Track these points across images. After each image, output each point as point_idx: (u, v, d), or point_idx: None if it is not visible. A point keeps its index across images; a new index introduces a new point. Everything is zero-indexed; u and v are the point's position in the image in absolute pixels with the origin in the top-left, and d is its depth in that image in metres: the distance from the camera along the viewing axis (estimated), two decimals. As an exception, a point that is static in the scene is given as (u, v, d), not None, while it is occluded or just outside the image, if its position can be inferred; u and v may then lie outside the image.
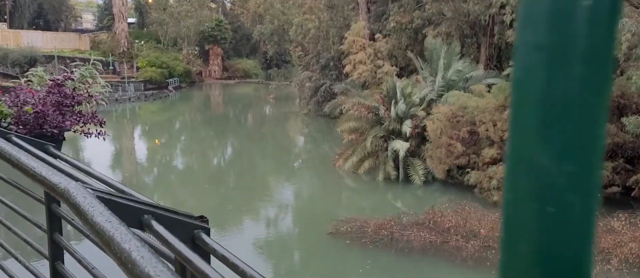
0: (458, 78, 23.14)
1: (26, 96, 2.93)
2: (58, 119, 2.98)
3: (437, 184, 21.63)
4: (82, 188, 1.27)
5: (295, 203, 22.48)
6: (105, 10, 69.61)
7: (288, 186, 25.87)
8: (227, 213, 20.25)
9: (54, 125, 2.99)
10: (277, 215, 21.00)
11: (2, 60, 42.42)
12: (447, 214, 15.13)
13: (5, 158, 1.56)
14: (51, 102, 3.07)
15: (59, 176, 1.48)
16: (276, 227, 19.34)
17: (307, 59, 46.31)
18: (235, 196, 23.49)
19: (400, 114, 22.96)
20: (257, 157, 32.81)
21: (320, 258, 14.86)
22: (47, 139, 2.76)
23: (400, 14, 28.84)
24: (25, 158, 1.69)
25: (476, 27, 26.64)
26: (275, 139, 39.49)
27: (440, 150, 19.70)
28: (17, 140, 2.22)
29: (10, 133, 2.15)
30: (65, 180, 1.45)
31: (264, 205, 21.91)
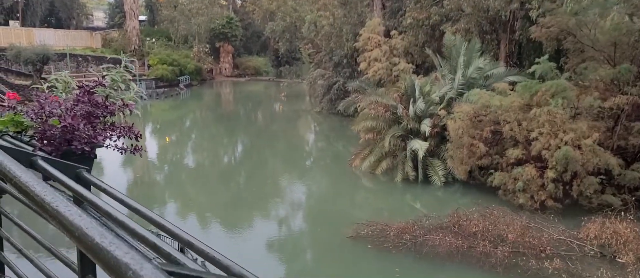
0: (479, 76, 22.44)
1: (52, 106, 2.42)
2: (89, 133, 2.44)
3: (458, 185, 21.01)
4: None
5: (311, 204, 22.00)
6: (117, 8, 69.60)
7: (303, 186, 25.40)
8: (240, 212, 19.83)
9: (85, 141, 2.43)
10: (294, 216, 20.53)
11: (15, 59, 42.38)
12: (473, 218, 14.53)
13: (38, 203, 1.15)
14: (81, 113, 2.52)
15: None
16: (294, 228, 18.87)
17: (319, 57, 45.79)
18: (247, 195, 23.05)
19: (418, 112, 22.35)
20: (270, 156, 32.39)
21: (342, 263, 14.35)
22: (77, 158, 2.37)
23: (417, 10, 28.16)
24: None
25: (496, 23, 25.88)
26: (288, 137, 39.03)
27: (461, 151, 19.08)
28: (44, 165, 1.79)
29: (36, 154, 1.90)
30: None
31: (279, 205, 21.46)
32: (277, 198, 22.42)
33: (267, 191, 23.29)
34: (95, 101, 2.45)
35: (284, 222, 19.88)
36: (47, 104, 2.39)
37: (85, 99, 2.43)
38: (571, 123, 16.34)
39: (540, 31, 20.28)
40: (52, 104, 2.38)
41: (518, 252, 12.92)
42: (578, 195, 15.96)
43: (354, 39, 35.40)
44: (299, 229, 18.88)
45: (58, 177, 1.87)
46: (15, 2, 57.30)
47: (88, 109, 2.45)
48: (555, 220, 14.67)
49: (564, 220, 15.03)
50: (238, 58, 73.29)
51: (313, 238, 16.65)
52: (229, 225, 18.41)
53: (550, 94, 16.78)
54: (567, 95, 16.69)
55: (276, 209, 20.98)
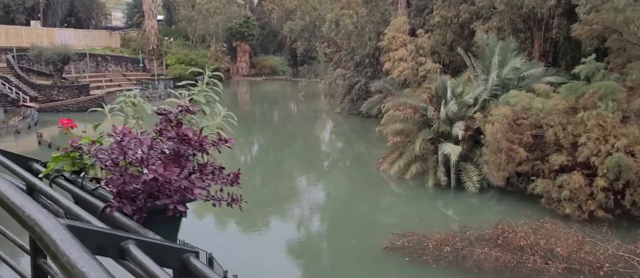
0: (514, 76, 21.41)
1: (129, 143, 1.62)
2: (183, 184, 1.68)
3: (493, 192, 20.03)
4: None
5: (338, 209, 21.19)
6: (135, 8, 69.68)
7: (327, 189, 24.62)
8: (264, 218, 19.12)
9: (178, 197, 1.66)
10: (321, 222, 19.78)
11: (37, 59, 42.41)
12: (519, 230, 13.59)
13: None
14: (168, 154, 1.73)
15: None
16: (324, 236, 18.11)
17: (339, 56, 44.94)
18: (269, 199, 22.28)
19: (450, 115, 21.40)
20: (291, 158, 31.69)
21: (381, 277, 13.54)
22: (166, 221, 1.70)
23: (445, 8, 27.16)
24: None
25: (530, 20, 24.77)
26: (307, 138, 38.32)
27: (498, 156, 18.09)
28: (139, 257, 1.10)
29: (126, 238, 1.23)
30: None
31: (304, 209, 20.70)
32: (300, 202, 21.67)
33: (293, 195, 22.54)
34: (184, 135, 1.69)
35: (311, 228, 19.12)
36: (126, 140, 1.64)
37: (172, 134, 1.68)
38: (622, 127, 15.27)
39: (582, 29, 19.19)
40: (130, 142, 1.64)
41: (572, 269, 11.97)
42: (631, 205, 14.89)
43: (377, 38, 34.52)
44: (329, 237, 18.10)
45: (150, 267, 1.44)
46: (37, 3, 57.60)
47: (176, 147, 1.70)
48: (608, 233, 13.65)
49: (617, 232, 14.00)
50: (255, 57, 72.86)
51: (346, 248, 15.85)
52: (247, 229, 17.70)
53: (599, 96, 15.73)
54: (617, 98, 15.62)
55: (300, 213, 20.22)
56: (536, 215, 15.57)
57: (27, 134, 32.30)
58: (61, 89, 41.24)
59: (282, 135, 38.53)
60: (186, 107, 1.99)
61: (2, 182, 1.36)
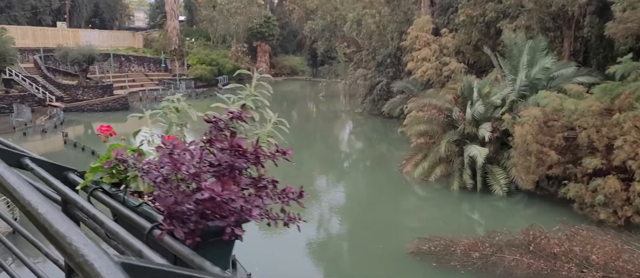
0: (544, 76, 20.76)
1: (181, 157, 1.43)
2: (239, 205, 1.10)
3: (521, 195, 19.45)
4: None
5: (361, 212, 20.88)
6: (157, 9, 70.52)
7: (349, 191, 24.34)
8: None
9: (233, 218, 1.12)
10: (345, 224, 19.53)
11: (63, 59, 43.20)
12: (552, 236, 13.09)
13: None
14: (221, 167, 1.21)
15: None
16: (348, 240, 17.84)
17: (360, 56, 44.59)
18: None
19: (477, 116, 20.89)
20: (311, 159, 31.49)
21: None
22: (218, 243, 1.51)
23: (471, 7, 26.58)
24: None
25: (560, 19, 24.02)
26: (328, 139, 38.11)
27: (528, 158, 17.54)
28: None
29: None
30: None
31: (328, 214, 20.45)
32: (320, 203, 21.40)
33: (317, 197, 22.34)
34: (238, 147, 1.46)
35: (332, 229, 18.87)
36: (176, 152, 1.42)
37: (224, 144, 1.45)
38: (661, 130, 14.60)
39: (617, 27, 18.46)
40: (183, 156, 1.42)
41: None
42: (671, 212, 14.23)
43: (399, 38, 34.08)
44: (352, 240, 17.83)
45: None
46: (63, 4, 58.79)
47: (231, 158, 1.48)
48: (647, 240, 13.04)
49: (656, 240, 13.35)
50: (274, 57, 72.98)
51: (369, 251, 15.55)
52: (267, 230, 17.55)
53: (636, 97, 15.07)
54: (655, 99, 14.95)
55: (321, 215, 19.96)
56: (568, 221, 15.01)
57: (53, 133, 32.88)
58: (86, 89, 41.92)
59: (302, 136, 38.38)
60: (238, 114, 1.76)
61: (42, 203, 1.20)
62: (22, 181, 1.35)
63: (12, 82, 38.82)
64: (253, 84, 2.14)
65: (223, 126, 1.76)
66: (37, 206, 1.18)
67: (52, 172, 2.02)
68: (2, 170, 1.39)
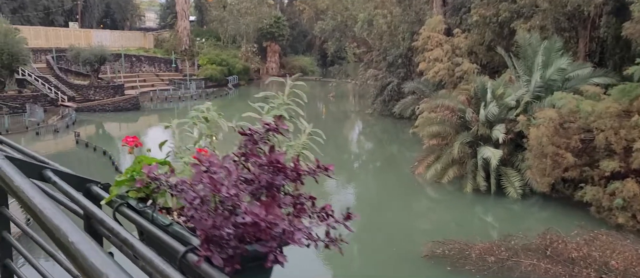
0: (559, 77, 20.42)
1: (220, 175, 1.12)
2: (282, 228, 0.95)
3: (536, 198, 19.15)
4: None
5: (372, 213, 20.70)
6: (168, 9, 70.87)
7: (360, 192, 24.16)
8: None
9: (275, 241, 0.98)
10: (358, 227, 19.34)
11: (75, 59, 43.55)
12: (569, 240, 12.82)
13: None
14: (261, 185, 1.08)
15: None
16: (359, 242, 17.64)
17: (370, 56, 44.37)
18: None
19: (490, 117, 20.61)
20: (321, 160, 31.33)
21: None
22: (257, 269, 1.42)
23: (484, 7, 26.26)
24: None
25: (575, 19, 23.63)
26: (339, 140, 37.92)
27: (543, 161, 17.25)
28: None
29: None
30: None
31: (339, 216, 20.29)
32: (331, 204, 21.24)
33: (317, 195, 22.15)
34: (277, 162, 1.34)
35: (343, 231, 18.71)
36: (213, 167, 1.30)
37: (262, 159, 1.32)
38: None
39: (635, 27, 18.10)
40: (220, 172, 1.30)
41: (630, 285, 11.17)
42: (692, 217, 13.88)
43: (410, 38, 33.82)
44: (363, 242, 17.65)
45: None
46: (75, 5, 59.30)
47: (268, 177, 1.35)
48: (668, 245, 12.72)
49: (678, 245, 13.02)
50: (284, 57, 73.00)
51: (382, 254, 15.38)
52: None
53: (656, 99, 14.73)
54: (676, 101, 14.60)
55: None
56: (586, 225, 14.71)
57: (65, 133, 33.11)
58: (97, 89, 42.21)
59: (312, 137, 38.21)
60: (274, 126, 1.64)
61: (72, 230, 1.14)
62: (47, 201, 1.30)
63: (25, 82, 39.21)
64: (286, 92, 2.01)
65: (258, 139, 1.64)
66: (67, 233, 1.13)
67: (74, 184, 1.95)
68: (31, 191, 1.35)
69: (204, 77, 55.56)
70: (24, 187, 1.51)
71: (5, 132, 31.01)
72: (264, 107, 1.99)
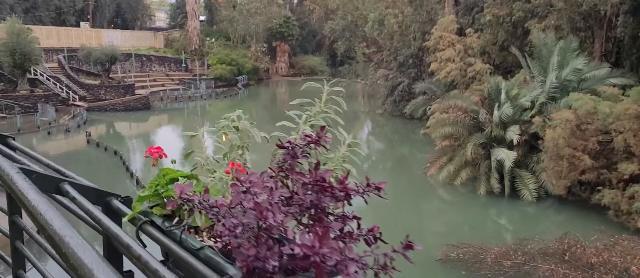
0: (575, 78, 20.04)
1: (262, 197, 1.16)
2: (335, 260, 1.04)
3: (551, 201, 18.80)
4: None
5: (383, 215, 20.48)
6: (178, 9, 71.12)
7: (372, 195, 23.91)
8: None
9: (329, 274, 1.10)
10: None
11: (86, 59, 43.81)
12: (589, 245, 12.52)
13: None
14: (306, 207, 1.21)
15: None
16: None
17: (380, 56, 44.10)
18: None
19: (504, 118, 20.29)
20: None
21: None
22: None
23: (497, 6, 25.91)
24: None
25: (591, 18, 23.20)
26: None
27: (559, 163, 16.92)
28: None
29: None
30: None
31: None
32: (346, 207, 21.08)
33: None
34: (322, 180, 1.16)
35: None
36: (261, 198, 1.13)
37: (306, 178, 1.15)
38: None
39: (654, 27, 17.68)
40: (258, 190, 1.12)
41: (653, 292, 10.84)
42: None
43: (422, 38, 33.53)
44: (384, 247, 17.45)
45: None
46: (86, 5, 59.72)
47: (314, 197, 1.17)
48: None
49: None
50: (294, 57, 72.90)
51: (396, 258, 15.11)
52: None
53: (677, 100, 14.36)
54: (698, 103, 14.21)
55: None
56: (604, 229, 14.37)
57: (76, 132, 33.27)
58: (108, 89, 42.41)
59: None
60: (316, 138, 1.47)
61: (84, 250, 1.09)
62: (64, 225, 1.21)
63: (37, 81, 39.49)
64: (323, 99, 1.84)
65: (299, 153, 1.47)
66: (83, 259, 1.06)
67: (93, 198, 1.84)
68: (48, 213, 1.25)
69: (213, 77, 55.64)
70: (40, 207, 1.37)
71: (17, 132, 31.23)
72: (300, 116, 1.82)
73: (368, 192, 1.39)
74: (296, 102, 1.91)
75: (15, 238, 2.49)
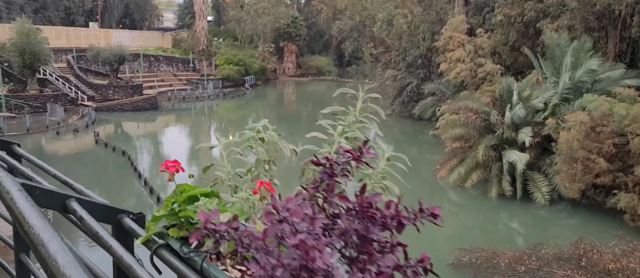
0: (589, 79, 19.68)
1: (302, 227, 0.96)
2: None
3: (565, 204, 18.46)
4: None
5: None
6: (186, 9, 71.25)
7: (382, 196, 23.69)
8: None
9: None
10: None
11: (95, 59, 43.93)
12: (606, 250, 12.21)
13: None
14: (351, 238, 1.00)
15: None
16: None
17: (388, 57, 43.80)
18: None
19: (516, 120, 19.97)
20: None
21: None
22: None
23: (509, 6, 25.55)
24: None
25: (604, 18, 22.80)
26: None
27: (573, 166, 16.58)
28: None
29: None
30: None
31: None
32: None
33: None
34: (369, 206, 0.96)
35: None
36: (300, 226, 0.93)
37: (352, 203, 0.94)
38: None
39: (671, 27, 17.28)
40: (300, 224, 0.92)
41: (673, 300, 10.53)
42: None
43: (431, 38, 33.22)
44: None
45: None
46: (95, 5, 59.97)
47: (360, 227, 0.97)
48: None
49: None
50: (301, 58, 72.75)
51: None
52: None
53: (696, 102, 13.99)
54: None
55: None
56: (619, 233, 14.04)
57: (84, 132, 33.33)
58: (116, 89, 42.49)
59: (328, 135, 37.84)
60: (357, 154, 1.27)
61: None
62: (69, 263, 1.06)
63: (46, 81, 39.64)
64: (358, 107, 1.65)
65: (338, 171, 1.27)
66: None
67: (103, 216, 1.68)
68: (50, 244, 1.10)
69: (221, 77, 55.62)
70: (42, 236, 1.15)
71: (27, 131, 31.33)
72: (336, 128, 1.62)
73: (422, 218, 1.20)
74: (328, 110, 1.71)
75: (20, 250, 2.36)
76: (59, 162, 26.51)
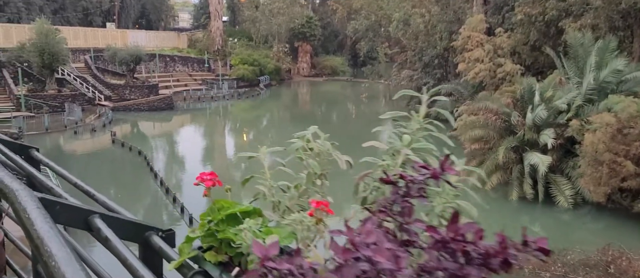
0: (614, 79, 19.10)
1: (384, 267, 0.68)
2: None
3: (589, 208, 17.93)
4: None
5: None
6: (201, 9, 71.64)
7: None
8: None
9: None
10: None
11: (112, 59, 44.35)
12: (635, 257, 11.75)
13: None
14: None
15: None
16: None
17: (404, 57, 43.39)
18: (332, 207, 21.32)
19: (538, 121, 19.47)
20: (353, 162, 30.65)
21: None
22: None
23: (529, 5, 25.00)
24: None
25: (630, 17, 22.15)
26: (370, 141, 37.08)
27: (599, 169, 16.08)
28: None
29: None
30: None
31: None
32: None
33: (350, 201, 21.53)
34: (463, 238, 0.72)
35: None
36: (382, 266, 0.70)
37: (437, 235, 0.70)
38: None
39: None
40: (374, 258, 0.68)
41: None
42: None
43: (448, 38, 32.76)
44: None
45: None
46: (112, 5, 60.63)
47: (451, 265, 0.73)
48: None
49: None
50: (315, 58, 72.57)
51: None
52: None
53: None
54: None
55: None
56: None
57: (101, 132, 33.62)
58: (133, 89, 42.83)
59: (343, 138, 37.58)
60: (438, 172, 1.05)
61: None
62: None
63: (64, 81, 40.13)
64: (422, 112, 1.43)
65: (414, 191, 1.06)
66: None
67: (129, 234, 1.56)
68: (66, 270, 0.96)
69: (236, 77, 55.74)
70: (64, 269, 0.99)
71: (45, 131, 31.71)
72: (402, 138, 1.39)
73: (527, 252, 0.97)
74: (388, 115, 1.49)
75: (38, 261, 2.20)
76: (76, 162, 26.75)
